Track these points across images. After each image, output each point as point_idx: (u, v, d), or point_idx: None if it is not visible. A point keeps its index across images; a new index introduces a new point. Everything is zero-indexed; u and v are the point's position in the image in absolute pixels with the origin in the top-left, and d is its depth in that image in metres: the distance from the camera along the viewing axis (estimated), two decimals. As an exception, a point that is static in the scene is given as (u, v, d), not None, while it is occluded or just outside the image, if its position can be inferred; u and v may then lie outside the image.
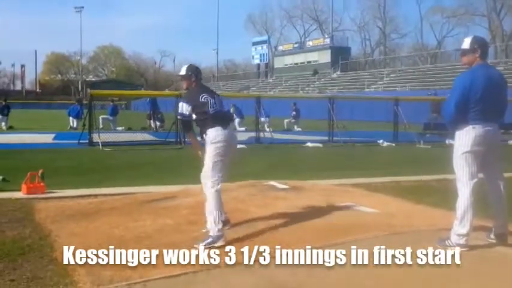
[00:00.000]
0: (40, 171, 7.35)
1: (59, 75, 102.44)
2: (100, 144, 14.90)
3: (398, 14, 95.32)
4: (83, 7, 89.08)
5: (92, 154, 13.57)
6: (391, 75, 53.55)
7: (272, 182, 7.88)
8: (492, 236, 4.71)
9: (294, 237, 4.80)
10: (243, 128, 23.44)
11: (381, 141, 18.08)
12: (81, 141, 15.43)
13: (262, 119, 20.17)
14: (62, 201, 6.76)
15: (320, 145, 16.97)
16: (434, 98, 23.43)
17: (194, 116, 5.20)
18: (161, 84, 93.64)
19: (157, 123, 24.00)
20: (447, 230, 4.55)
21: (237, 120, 25.03)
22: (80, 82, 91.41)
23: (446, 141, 15.09)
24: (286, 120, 27.45)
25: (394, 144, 17.87)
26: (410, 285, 3.83)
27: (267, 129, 20.37)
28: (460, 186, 4.55)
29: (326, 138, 18.38)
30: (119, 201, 6.69)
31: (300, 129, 25.86)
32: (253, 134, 18.42)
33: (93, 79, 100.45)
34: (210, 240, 4.69)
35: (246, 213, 5.86)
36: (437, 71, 48.03)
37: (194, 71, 5.42)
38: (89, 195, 7.19)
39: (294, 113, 27.36)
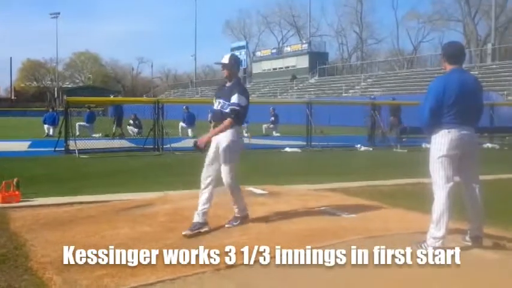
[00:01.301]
0: (15, 180, 7.25)
1: (35, 82, 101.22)
2: (76, 152, 14.73)
3: (374, 20, 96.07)
4: (59, 13, 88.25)
5: (68, 162, 13.43)
6: (368, 80, 54.04)
7: (250, 188, 7.88)
8: (468, 238, 4.77)
9: (271, 242, 4.77)
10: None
11: (358, 145, 18.23)
12: (57, 149, 15.23)
13: (243, 125, 20.12)
14: (37, 210, 6.65)
15: (298, 150, 17.03)
16: (373, 102, 23.52)
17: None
18: (139, 91, 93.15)
19: (135, 130, 23.85)
20: (423, 233, 4.60)
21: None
22: (56, 89, 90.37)
23: (423, 145, 15.28)
24: (264, 126, 27.47)
25: (371, 149, 18.02)
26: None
27: (245, 135, 20.35)
28: (436, 189, 4.61)
29: (304, 143, 18.45)
30: (96, 209, 6.62)
31: (278, 134, 25.91)
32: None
33: (70, 86, 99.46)
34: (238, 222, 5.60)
35: (224, 220, 5.83)
36: (414, 75, 48.59)
37: (237, 61, 5.78)
38: (65, 204, 7.09)
39: (272, 118, 27.41)
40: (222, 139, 5.52)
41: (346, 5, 78.69)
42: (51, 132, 23.64)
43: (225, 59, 5.66)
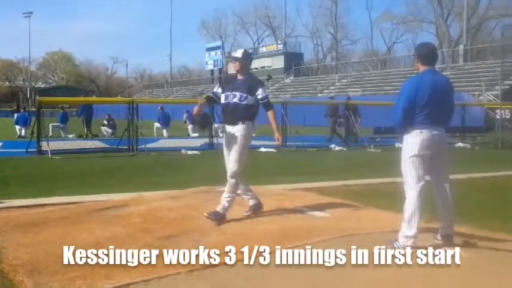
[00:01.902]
0: (-15, 181, 7.14)
1: (7, 82, 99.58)
2: (49, 153, 14.56)
3: (349, 21, 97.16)
4: (31, 13, 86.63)
5: (41, 163, 13.25)
6: (343, 80, 54.44)
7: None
8: (439, 237, 4.83)
9: (246, 242, 4.80)
10: (196, 134, 23.35)
11: (332, 145, 18.35)
12: (29, 150, 14.99)
13: (216, 125, 20.12)
14: (8, 212, 6.53)
15: (273, 150, 17.06)
16: (330, 102, 23.71)
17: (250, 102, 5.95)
18: (114, 91, 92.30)
19: (109, 130, 23.63)
20: (395, 232, 4.65)
21: (190, 127, 24.94)
22: (28, 89, 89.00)
23: (396, 145, 15.44)
24: (240, 126, 27.41)
25: (345, 149, 18.17)
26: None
27: (221, 135, 20.31)
28: (408, 188, 4.66)
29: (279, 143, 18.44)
30: (68, 211, 6.54)
31: (253, 134, 25.88)
32: (206, 140, 18.39)
33: (43, 86, 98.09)
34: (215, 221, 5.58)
35: (198, 220, 5.83)
36: (387, 76, 49.11)
37: (250, 56, 6.22)
38: (37, 205, 6.97)
39: (247, 118, 27.34)
40: (236, 132, 5.97)
41: (321, 6, 79.19)
42: (23, 133, 23.28)
43: (239, 53, 6.06)
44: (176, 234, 5.24)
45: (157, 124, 25.22)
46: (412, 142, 4.69)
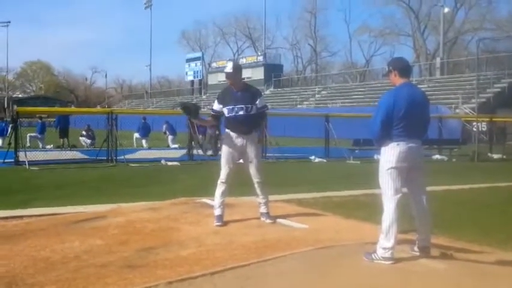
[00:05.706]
0: (-39, 193, 7.03)
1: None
2: (27, 163, 14.39)
3: (328, 33, 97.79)
4: (9, 22, 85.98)
5: (18, 174, 13.07)
6: (322, 92, 54.86)
7: (205, 199, 7.86)
8: (416, 248, 4.87)
9: (225, 254, 4.82)
10: (176, 145, 23.29)
11: (312, 157, 18.44)
12: (6, 161, 14.80)
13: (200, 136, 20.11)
14: (-15, 224, 6.46)
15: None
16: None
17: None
18: (93, 101, 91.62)
19: (88, 141, 23.45)
20: (373, 244, 4.69)
21: (170, 137, 24.87)
22: (6, 99, 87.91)
23: (375, 157, 15.57)
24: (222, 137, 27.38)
25: (325, 160, 18.26)
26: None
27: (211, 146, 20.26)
28: (385, 200, 4.70)
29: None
30: (46, 222, 6.47)
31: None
32: (186, 151, 18.35)
33: (20, 95, 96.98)
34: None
35: (178, 231, 5.83)
36: (366, 88, 49.60)
37: (240, 67, 6.37)
38: (14, 217, 6.90)
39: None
40: (253, 139, 6.31)
41: (301, 19, 79.95)
42: (0, 144, 22.96)
43: (229, 68, 6.14)
44: (155, 246, 5.22)
45: (136, 135, 25.10)
46: (390, 154, 4.74)
